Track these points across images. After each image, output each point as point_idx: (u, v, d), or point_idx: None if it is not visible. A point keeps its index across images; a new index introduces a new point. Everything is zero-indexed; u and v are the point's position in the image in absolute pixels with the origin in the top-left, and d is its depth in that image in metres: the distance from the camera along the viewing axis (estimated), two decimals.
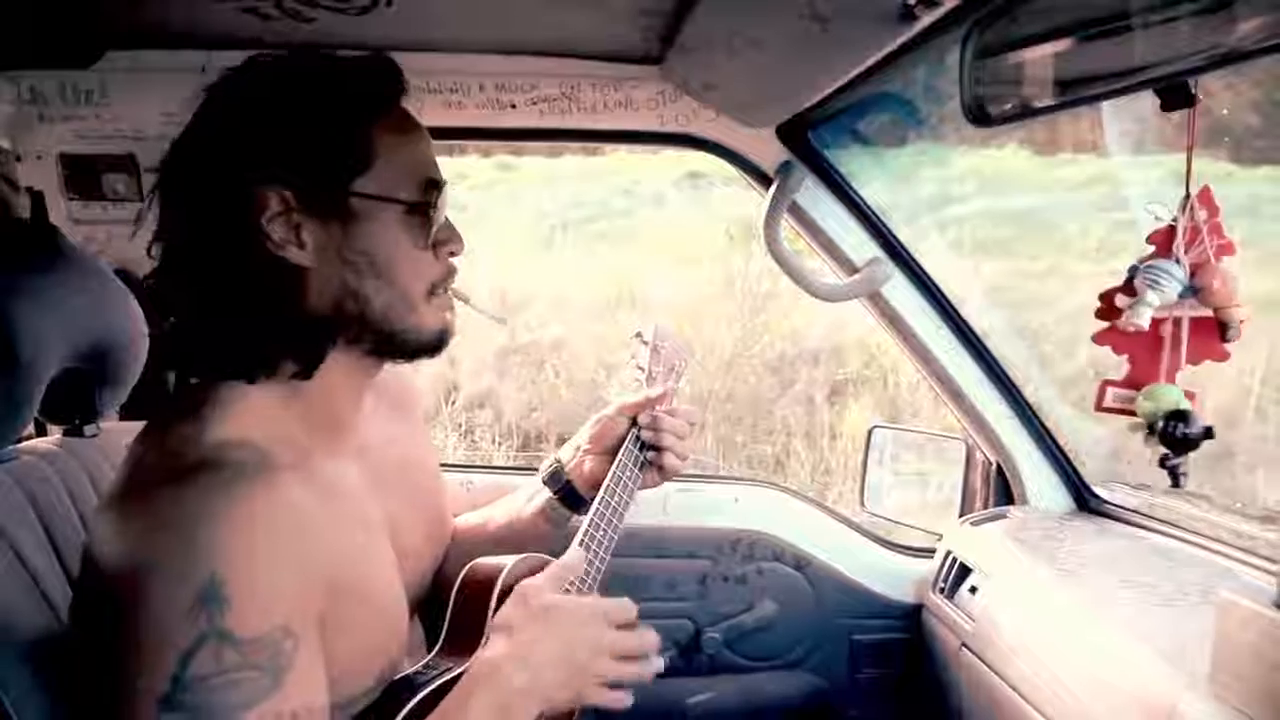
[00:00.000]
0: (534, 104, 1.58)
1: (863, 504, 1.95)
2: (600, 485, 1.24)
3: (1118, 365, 1.51)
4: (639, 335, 1.46)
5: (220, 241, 0.93)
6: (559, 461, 1.33)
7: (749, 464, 5.46)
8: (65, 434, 1.28)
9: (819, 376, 5.97)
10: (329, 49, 1.00)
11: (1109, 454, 2.02)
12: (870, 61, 1.13)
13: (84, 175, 1.65)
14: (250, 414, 0.93)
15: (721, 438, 5.24)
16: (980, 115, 0.90)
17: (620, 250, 6.71)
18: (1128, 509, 1.73)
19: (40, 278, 1.10)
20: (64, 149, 1.63)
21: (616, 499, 1.24)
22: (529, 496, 1.33)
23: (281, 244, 0.92)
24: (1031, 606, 1.47)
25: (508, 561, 1.14)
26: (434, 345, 1.01)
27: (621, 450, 1.27)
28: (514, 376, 5.92)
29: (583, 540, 1.18)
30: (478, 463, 4.73)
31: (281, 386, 0.96)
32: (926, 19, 0.96)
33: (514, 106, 1.59)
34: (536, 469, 1.36)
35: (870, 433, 1.98)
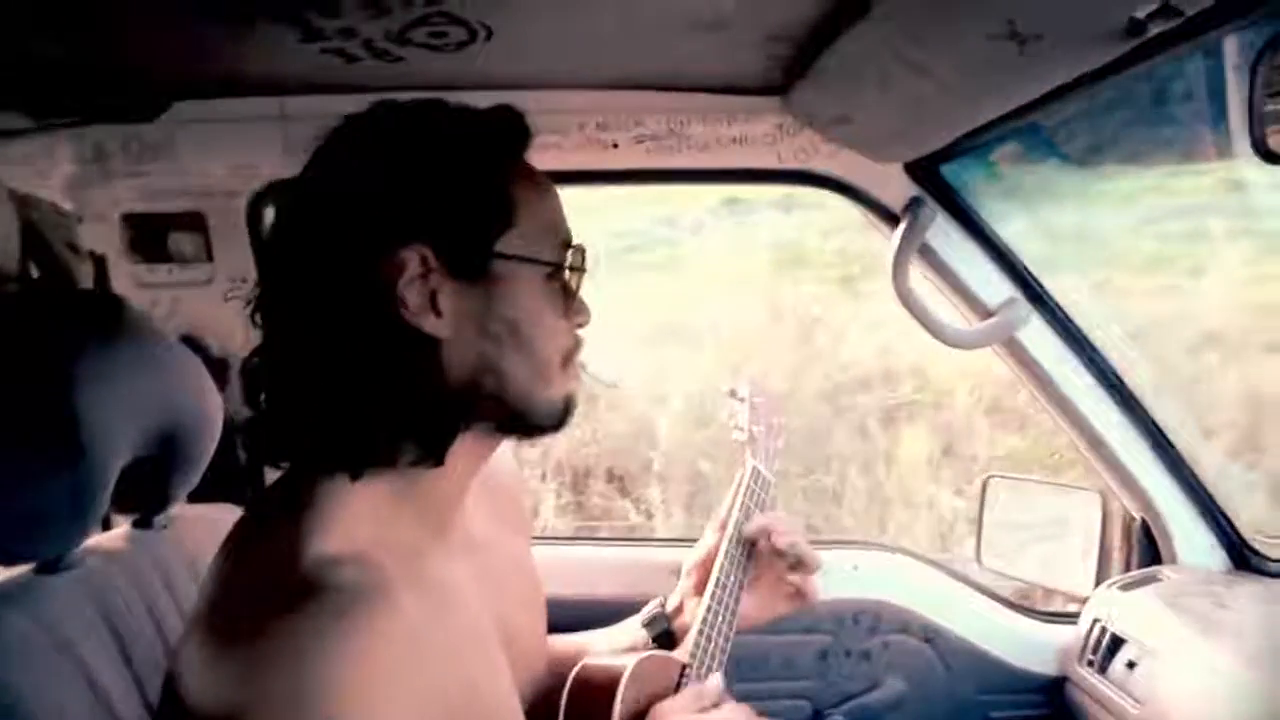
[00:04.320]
0: (639, 142, 1.45)
1: (979, 560, 1.80)
2: None
3: None
4: (733, 392, 1.35)
5: (348, 310, 0.79)
6: (662, 607, 1.19)
7: (805, 496, 5.30)
8: (134, 526, 1.16)
9: (871, 404, 5.79)
10: (419, 90, 0.88)
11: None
12: (1055, 85, 0.99)
13: (149, 236, 1.55)
14: (358, 516, 0.80)
15: (777, 471, 5.08)
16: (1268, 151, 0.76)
17: (664, 279, 6.57)
18: None
19: (107, 356, 0.98)
20: (127, 208, 1.52)
21: (728, 595, 1.12)
22: (627, 635, 1.20)
23: (418, 311, 0.79)
24: (1212, 690, 1.31)
25: (625, 664, 1.01)
26: (561, 420, 0.89)
27: (722, 553, 1.15)
28: None
29: (698, 644, 1.07)
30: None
31: (392, 479, 0.83)
32: (1156, 30, 0.81)
33: (616, 146, 1.45)
34: (599, 536, 1.23)
35: (985, 483, 1.83)
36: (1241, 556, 1.62)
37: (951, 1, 0.88)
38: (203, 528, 1.20)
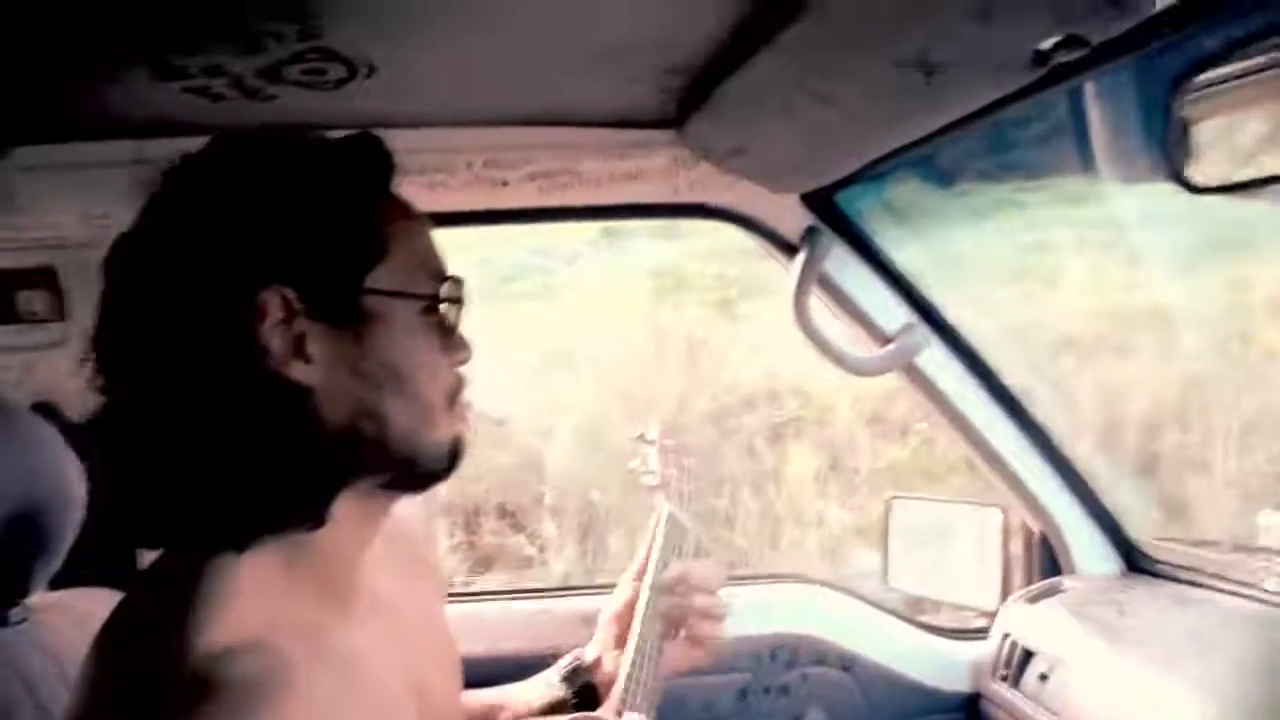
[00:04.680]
0: (530, 180, 1.39)
1: (885, 580, 1.81)
2: None
3: None
4: (642, 436, 1.29)
5: (205, 364, 0.71)
6: (580, 660, 1.14)
7: (698, 520, 5.31)
8: None
9: (757, 424, 5.87)
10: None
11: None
12: (960, 115, 0.99)
13: None
14: (249, 595, 0.71)
15: (694, 513, 5.12)
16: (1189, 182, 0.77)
17: (541, 309, 6.50)
18: (1181, 566, 1.63)
19: None
20: None
21: (650, 647, 1.07)
22: (545, 690, 1.13)
23: (283, 359, 0.71)
24: (1122, 696, 1.33)
25: None
26: (450, 465, 0.82)
27: (642, 603, 1.10)
28: None
29: (624, 700, 1.02)
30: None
31: (280, 547, 0.75)
32: (1061, 60, 0.82)
33: (506, 184, 1.39)
34: (503, 590, 1.17)
35: (889, 503, 1.84)
36: (1134, 561, 1.68)
37: (861, 31, 0.87)
38: (67, 618, 1.07)
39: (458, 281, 0.82)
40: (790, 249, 1.49)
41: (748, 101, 1.13)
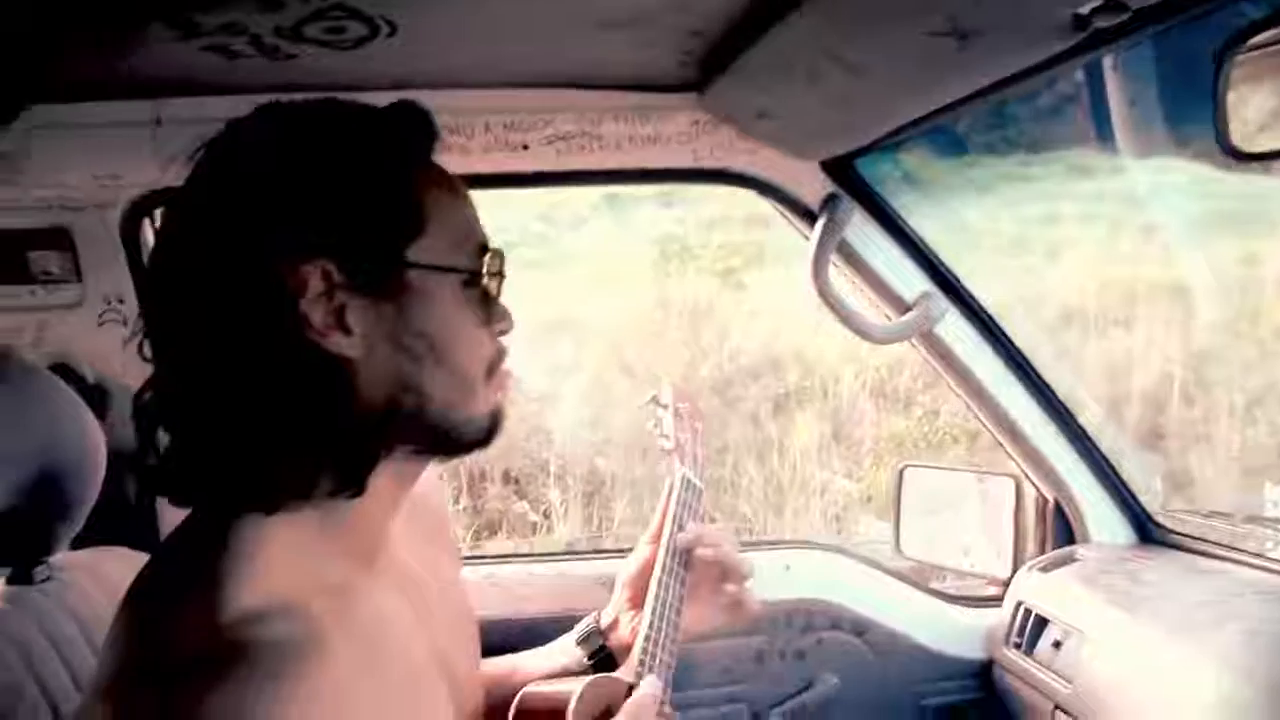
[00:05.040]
0: (549, 143, 1.37)
1: (898, 549, 1.82)
2: None
3: None
4: (654, 400, 1.31)
5: (248, 333, 0.71)
6: (596, 623, 1.15)
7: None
8: (9, 583, 1.03)
9: (760, 393, 5.88)
10: (310, 91, 0.80)
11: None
12: (991, 81, 0.97)
13: (6, 255, 1.38)
14: (279, 558, 0.71)
15: (705, 477, 5.15)
16: (1236, 149, 0.76)
17: (545, 277, 6.49)
18: (1192, 537, 1.63)
19: None
20: None
21: (668, 609, 1.08)
22: (558, 655, 1.14)
23: (324, 331, 0.72)
24: (1138, 663, 1.34)
25: (570, 690, 0.96)
26: (489, 435, 0.83)
27: (659, 566, 1.10)
28: None
29: (643, 660, 1.02)
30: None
31: (312, 512, 0.75)
32: (1099, 25, 0.81)
33: (526, 147, 1.37)
34: (522, 554, 1.18)
35: (901, 472, 1.85)
36: (1147, 531, 1.68)
37: None
38: (88, 577, 1.08)
39: (498, 254, 0.81)
40: (809, 216, 1.48)
41: (773, 66, 1.11)
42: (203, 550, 0.71)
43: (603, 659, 1.12)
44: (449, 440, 0.80)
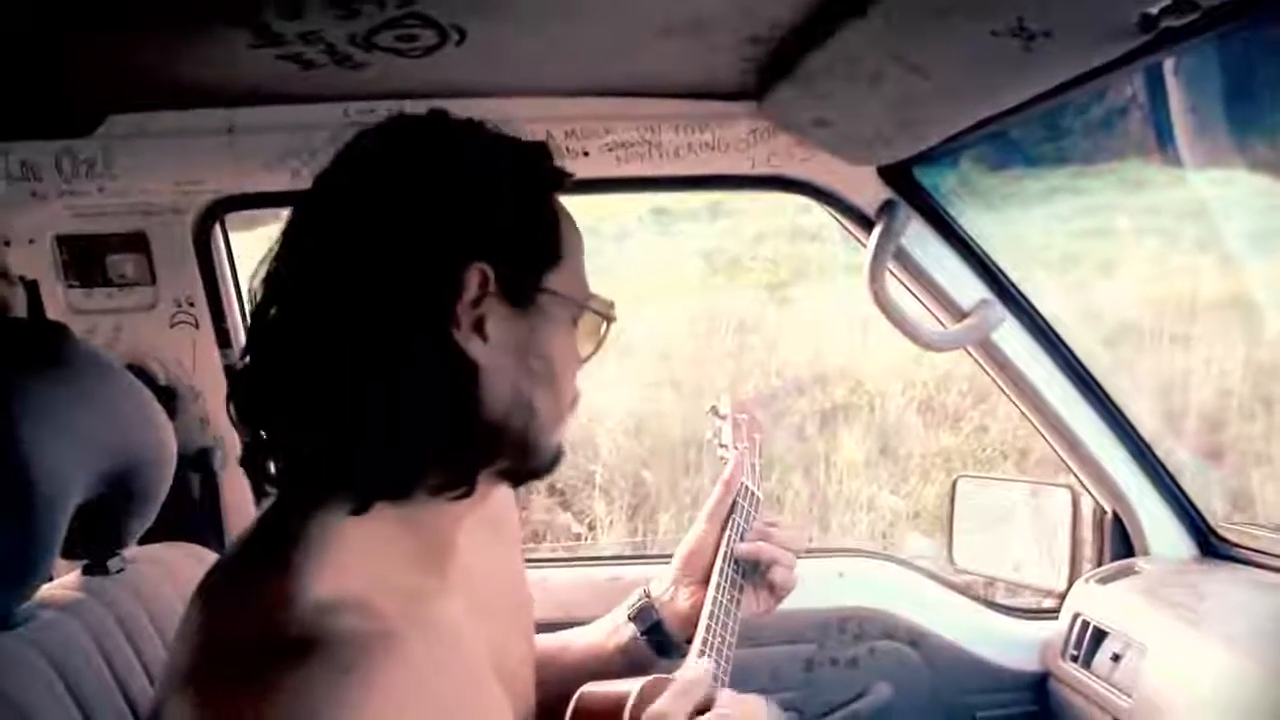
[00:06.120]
0: (609, 150, 1.40)
1: (951, 561, 1.80)
2: (696, 623, 1.07)
3: None
4: (714, 409, 1.33)
5: (400, 325, 0.73)
6: (648, 595, 1.15)
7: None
8: (85, 572, 1.06)
9: (807, 407, 5.84)
10: (377, 100, 0.83)
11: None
12: (1056, 83, 0.98)
13: (85, 259, 1.44)
14: (355, 556, 0.73)
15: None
16: None
17: (593, 288, 6.52)
18: (1256, 550, 1.60)
19: (49, 391, 0.90)
20: (61, 230, 1.41)
21: (726, 597, 1.08)
22: (612, 630, 1.15)
23: (467, 334, 0.75)
24: (1201, 677, 1.31)
25: (628, 689, 0.96)
26: (553, 466, 0.85)
27: (716, 572, 1.11)
28: None
29: (703, 650, 1.02)
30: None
31: (391, 516, 0.76)
32: (1167, 25, 0.80)
33: (587, 154, 1.40)
34: (577, 557, 1.18)
35: (955, 483, 1.83)
36: (1208, 544, 1.65)
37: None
38: (157, 570, 1.11)
39: (611, 302, 0.85)
40: (865, 222, 1.48)
41: (835, 71, 1.12)
42: (280, 544, 0.72)
43: (657, 633, 1.12)
44: (532, 461, 0.82)
